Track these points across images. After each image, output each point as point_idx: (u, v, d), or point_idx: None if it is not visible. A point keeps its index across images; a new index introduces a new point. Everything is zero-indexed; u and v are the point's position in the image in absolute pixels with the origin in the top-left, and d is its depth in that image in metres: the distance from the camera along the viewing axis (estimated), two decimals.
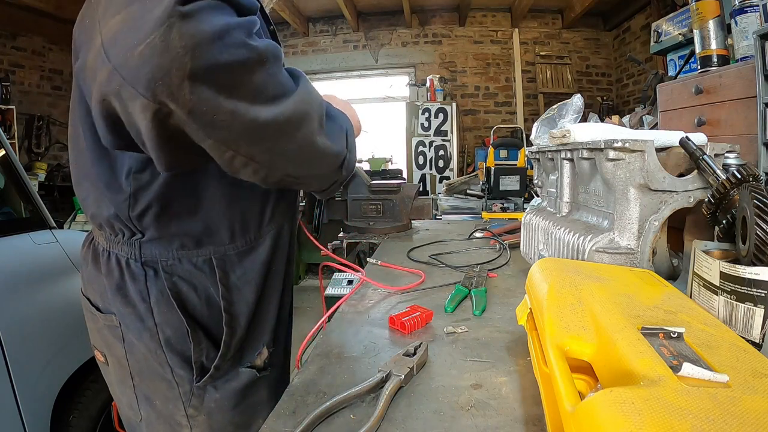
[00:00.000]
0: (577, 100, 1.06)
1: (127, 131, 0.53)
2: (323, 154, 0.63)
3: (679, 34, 2.70)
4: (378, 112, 5.72)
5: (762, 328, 0.45)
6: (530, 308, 0.54)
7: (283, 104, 0.53)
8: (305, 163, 0.62)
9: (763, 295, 0.45)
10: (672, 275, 0.72)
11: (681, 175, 0.68)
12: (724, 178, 0.58)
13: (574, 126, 0.80)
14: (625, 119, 2.93)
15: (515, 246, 1.16)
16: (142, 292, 0.68)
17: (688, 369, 0.32)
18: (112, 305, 0.70)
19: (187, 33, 0.44)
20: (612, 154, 0.66)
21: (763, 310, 0.45)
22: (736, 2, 1.69)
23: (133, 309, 0.68)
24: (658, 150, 0.67)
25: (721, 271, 0.48)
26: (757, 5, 1.63)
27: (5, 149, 1.47)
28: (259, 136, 0.53)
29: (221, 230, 0.71)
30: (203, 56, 0.45)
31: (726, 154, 0.75)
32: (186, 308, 0.69)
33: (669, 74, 2.74)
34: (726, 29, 1.80)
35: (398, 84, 5.61)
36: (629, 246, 0.67)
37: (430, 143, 4.83)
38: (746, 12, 1.66)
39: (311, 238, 1.14)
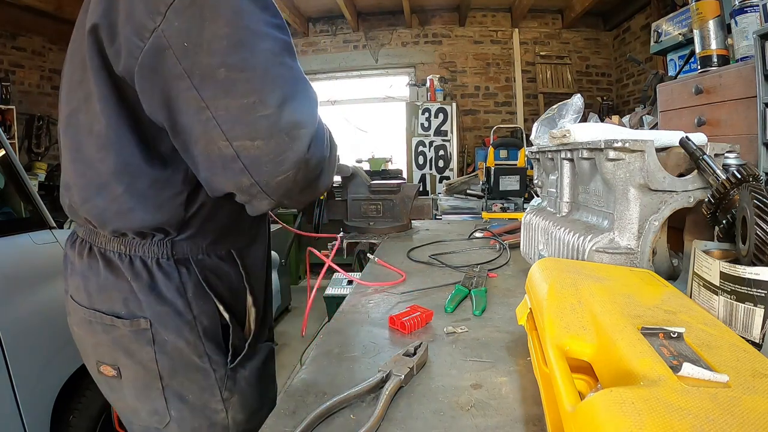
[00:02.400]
0: (577, 100, 1.06)
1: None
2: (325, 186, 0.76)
3: (679, 34, 2.70)
4: (378, 112, 5.71)
5: (762, 328, 0.45)
6: (530, 308, 0.54)
7: (323, 181, 0.70)
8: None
9: (763, 295, 0.45)
10: (672, 275, 0.73)
11: (681, 175, 0.68)
12: (724, 178, 0.58)
13: (574, 126, 0.80)
14: (625, 119, 2.93)
15: (515, 246, 1.16)
16: (179, 288, 0.71)
17: (688, 369, 0.32)
18: (144, 308, 0.70)
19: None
20: (612, 154, 0.66)
21: (763, 310, 0.45)
22: (736, 2, 1.68)
23: (170, 307, 0.70)
24: (658, 150, 0.67)
25: (721, 271, 0.48)
26: (757, 5, 1.63)
27: (5, 149, 1.47)
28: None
29: (239, 225, 0.79)
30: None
31: (726, 154, 0.75)
32: (220, 297, 0.74)
33: (669, 74, 2.74)
34: (726, 29, 1.80)
35: (398, 84, 5.60)
36: (629, 246, 0.67)
37: (430, 143, 4.83)
38: (746, 12, 1.66)
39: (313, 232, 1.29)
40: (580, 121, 1.05)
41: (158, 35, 0.56)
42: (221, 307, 0.73)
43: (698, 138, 0.69)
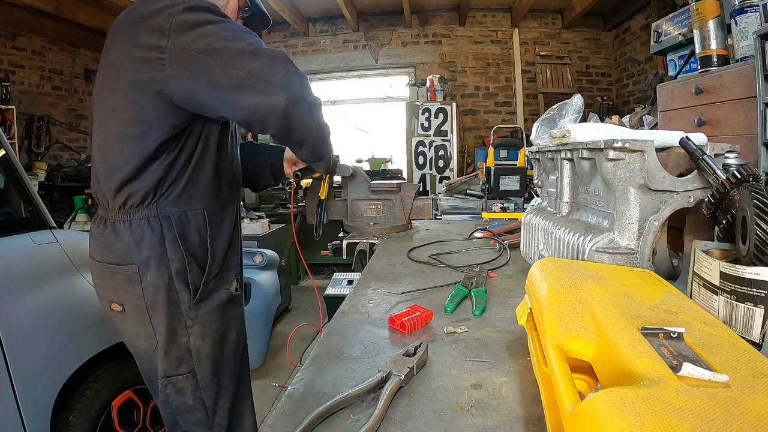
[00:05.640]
0: (577, 100, 1.06)
1: None
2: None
3: (679, 34, 2.69)
4: (378, 112, 5.71)
5: (762, 328, 0.45)
6: (530, 308, 0.54)
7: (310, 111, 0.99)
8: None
9: (763, 295, 0.45)
10: (672, 275, 0.73)
11: (681, 175, 0.68)
12: (724, 178, 0.58)
13: (574, 126, 0.80)
14: (625, 119, 2.93)
15: (515, 246, 1.16)
16: (160, 238, 0.98)
17: (688, 369, 0.32)
18: (134, 257, 0.97)
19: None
20: (612, 154, 0.66)
21: (763, 310, 0.45)
22: (736, 2, 1.68)
23: (153, 252, 0.97)
24: (658, 150, 0.67)
25: (721, 271, 0.48)
26: (757, 5, 1.63)
27: (5, 149, 1.46)
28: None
29: (209, 193, 1.05)
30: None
31: (726, 154, 0.75)
32: (186, 246, 1.00)
33: (669, 74, 2.74)
34: (726, 29, 1.80)
35: (398, 84, 5.60)
36: (629, 246, 0.67)
37: (430, 143, 4.83)
38: (746, 12, 1.66)
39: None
40: (580, 121, 1.05)
41: (171, 46, 0.89)
42: (185, 253, 0.99)
43: (698, 138, 0.69)
